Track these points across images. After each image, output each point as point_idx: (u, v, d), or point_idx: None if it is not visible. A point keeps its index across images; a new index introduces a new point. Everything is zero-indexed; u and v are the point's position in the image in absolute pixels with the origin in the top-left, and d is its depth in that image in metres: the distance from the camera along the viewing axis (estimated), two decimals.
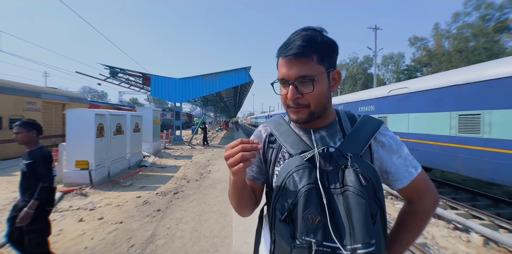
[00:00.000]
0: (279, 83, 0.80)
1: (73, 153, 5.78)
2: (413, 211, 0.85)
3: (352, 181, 0.65)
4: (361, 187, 0.64)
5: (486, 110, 4.73)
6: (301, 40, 0.73)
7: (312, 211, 0.64)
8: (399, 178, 0.81)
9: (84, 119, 5.82)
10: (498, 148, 4.51)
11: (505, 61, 4.82)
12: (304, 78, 0.73)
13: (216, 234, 3.57)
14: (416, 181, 0.81)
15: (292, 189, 0.68)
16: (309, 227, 0.63)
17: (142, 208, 4.58)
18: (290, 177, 0.70)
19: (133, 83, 17.34)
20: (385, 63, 40.96)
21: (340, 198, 0.66)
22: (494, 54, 24.29)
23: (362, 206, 0.62)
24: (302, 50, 0.72)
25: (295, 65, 0.73)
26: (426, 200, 0.84)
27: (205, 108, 33.45)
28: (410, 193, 0.85)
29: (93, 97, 59.29)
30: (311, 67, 0.73)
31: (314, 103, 0.76)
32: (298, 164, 0.72)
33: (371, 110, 8.50)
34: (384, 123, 0.85)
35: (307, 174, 0.69)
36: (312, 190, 0.66)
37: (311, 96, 0.75)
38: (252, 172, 0.91)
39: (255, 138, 0.95)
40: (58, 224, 3.80)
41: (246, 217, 0.91)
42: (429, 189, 0.85)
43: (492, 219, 4.67)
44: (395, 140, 0.83)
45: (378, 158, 0.81)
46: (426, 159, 6.13)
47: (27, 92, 10.15)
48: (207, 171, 7.92)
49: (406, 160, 0.82)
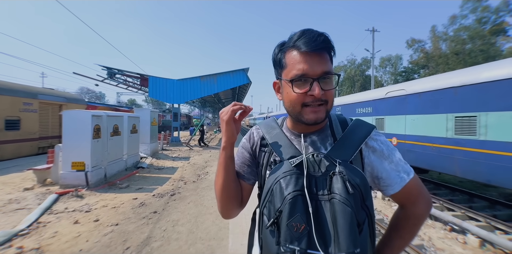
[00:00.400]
0: (288, 81, 0.75)
1: (69, 154, 5.74)
2: (406, 216, 0.84)
3: (339, 188, 0.65)
4: (347, 195, 0.63)
5: (482, 112, 4.76)
6: (323, 36, 0.71)
7: (297, 218, 0.63)
8: (390, 183, 0.79)
9: (81, 121, 5.79)
10: (493, 150, 4.53)
11: (501, 63, 4.85)
12: (328, 74, 0.72)
13: (212, 236, 3.55)
14: (408, 186, 0.79)
15: (278, 196, 0.67)
16: (293, 235, 0.62)
17: (139, 210, 4.55)
18: (277, 183, 0.69)
19: (131, 84, 17.32)
20: (383, 65, 41.18)
21: (327, 205, 0.65)
22: (491, 56, 24.49)
23: (348, 214, 0.62)
24: (328, 45, 0.71)
25: (319, 60, 0.71)
26: (418, 205, 0.83)
27: (203, 110, 33.40)
28: (402, 198, 0.83)
29: (91, 98, 59.13)
30: (330, 64, 0.73)
31: (331, 101, 0.76)
32: (286, 170, 0.71)
33: (368, 112, 8.52)
34: (376, 128, 0.84)
35: (294, 181, 0.68)
36: (297, 197, 0.65)
37: (331, 93, 0.74)
38: (243, 172, 0.91)
39: (247, 139, 0.95)
40: (53, 226, 3.76)
41: (229, 218, 0.91)
42: (421, 194, 0.83)
43: (489, 220, 4.68)
44: (386, 145, 0.82)
45: (369, 164, 0.80)
46: (423, 161, 6.15)
47: (23, 93, 10.09)
48: (205, 172, 7.90)
49: (398, 165, 0.80)
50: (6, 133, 9.22)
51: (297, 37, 0.73)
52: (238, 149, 0.96)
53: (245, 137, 0.96)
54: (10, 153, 9.36)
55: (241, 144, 0.96)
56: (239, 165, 0.92)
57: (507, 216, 5.08)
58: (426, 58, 31.49)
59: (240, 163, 0.92)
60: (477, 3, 26.72)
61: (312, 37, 0.70)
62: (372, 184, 0.81)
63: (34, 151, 10.52)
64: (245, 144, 0.94)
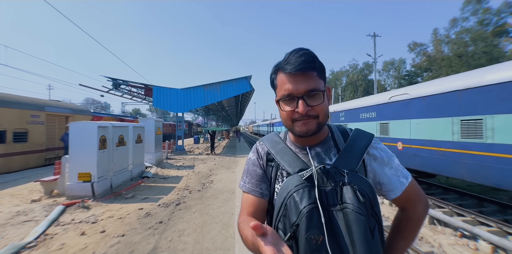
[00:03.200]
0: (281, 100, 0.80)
1: (75, 166, 5.80)
2: (407, 218, 0.88)
3: (350, 198, 0.68)
4: (359, 203, 0.66)
5: (488, 115, 4.72)
6: (304, 56, 0.76)
7: (315, 231, 0.65)
8: (392, 188, 0.83)
9: (87, 132, 5.87)
10: (501, 153, 4.46)
11: (505, 65, 4.83)
12: (313, 91, 0.75)
13: (218, 246, 3.52)
14: (407, 190, 0.84)
15: (294, 210, 0.69)
16: (313, 248, 0.64)
17: (144, 220, 4.55)
18: (290, 197, 0.71)
19: (136, 94, 17.54)
20: (386, 69, 41.19)
21: (340, 215, 0.68)
22: (494, 58, 24.37)
23: (362, 223, 0.65)
24: (309, 65, 0.75)
25: (302, 79, 0.75)
26: (418, 207, 0.87)
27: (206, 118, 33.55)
28: (403, 202, 0.87)
29: (96, 108, 59.88)
30: (317, 80, 0.77)
31: (322, 115, 0.79)
32: (298, 184, 0.73)
33: (372, 117, 8.49)
34: (375, 136, 0.89)
35: (307, 194, 0.70)
36: (313, 210, 0.68)
37: (320, 108, 0.77)
38: (261, 189, 0.88)
39: (253, 155, 0.95)
40: (60, 238, 3.78)
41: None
42: (419, 196, 0.88)
43: (500, 225, 4.57)
44: (386, 152, 0.86)
45: (371, 171, 0.83)
46: (430, 165, 6.07)
47: (31, 106, 10.29)
48: (209, 181, 7.88)
49: (397, 170, 0.84)
50: (14, 145, 9.37)
51: (284, 59, 0.80)
52: (249, 167, 0.94)
53: (252, 153, 0.96)
54: (18, 165, 9.48)
55: (251, 162, 0.94)
56: (255, 183, 0.89)
57: None
58: (429, 62, 31.43)
59: (255, 181, 0.89)
60: (477, 6, 26.78)
61: (295, 58, 0.76)
62: (375, 189, 0.82)
63: (41, 162, 10.64)
64: (255, 161, 0.93)
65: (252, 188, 0.88)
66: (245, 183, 0.91)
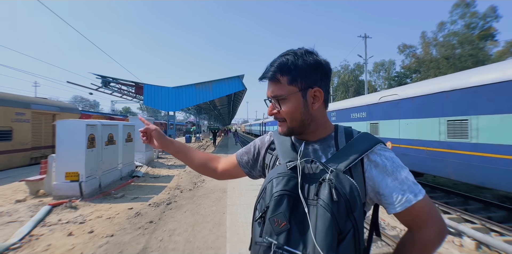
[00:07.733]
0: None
1: (63, 165, 5.66)
2: (412, 241, 0.80)
3: (324, 194, 0.68)
4: (331, 201, 0.66)
5: (473, 115, 4.85)
6: (270, 65, 0.85)
7: (279, 215, 0.70)
8: (392, 202, 0.76)
9: (75, 130, 5.73)
10: (486, 153, 4.60)
11: (489, 68, 4.98)
12: (274, 98, 0.86)
13: (209, 245, 3.51)
14: (415, 208, 0.74)
15: (268, 193, 0.74)
16: (273, 229, 0.69)
17: (134, 220, 4.49)
18: (270, 182, 0.76)
19: (126, 92, 17.27)
20: (377, 70, 41.84)
21: (314, 209, 0.69)
22: (480, 60, 25.10)
23: (327, 219, 0.65)
24: (269, 75, 0.84)
25: (270, 86, 0.87)
26: (427, 231, 0.76)
27: (198, 117, 33.31)
28: (408, 221, 0.80)
29: (85, 106, 58.69)
30: (281, 88, 0.84)
31: (289, 119, 0.86)
32: (280, 171, 0.77)
33: (363, 117, 8.62)
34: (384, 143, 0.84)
35: (284, 181, 0.74)
36: (283, 196, 0.71)
37: (284, 112, 0.85)
38: (242, 159, 1.09)
39: (259, 142, 1.08)
40: (46, 238, 3.69)
41: (198, 172, 1.20)
42: (431, 219, 0.77)
43: (484, 222, 4.73)
44: (391, 161, 0.79)
45: (370, 178, 0.79)
46: (418, 164, 6.21)
47: (15, 103, 9.98)
48: (201, 180, 7.84)
49: (403, 183, 0.76)
50: None
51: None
52: (250, 144, 1.11)
53: (261, 137, 1.10)
54: (1, 164, 9.18)
55: (257, 140, 1.10)
56: (242, 153, 1.10)
57: (502, 217, 5.14)
58: (418, 63, 32.12)
59: (243, 152, 1.10)
60: (465, 9, 27.53)
61: (268, 66, 0.87)
62: (376, 200, 0.81)
63: (26, 162, 10.34)
64: (257, 143, 1.08)
65: (238, 154, 1.11)
66: (239, 151, 1.13)
